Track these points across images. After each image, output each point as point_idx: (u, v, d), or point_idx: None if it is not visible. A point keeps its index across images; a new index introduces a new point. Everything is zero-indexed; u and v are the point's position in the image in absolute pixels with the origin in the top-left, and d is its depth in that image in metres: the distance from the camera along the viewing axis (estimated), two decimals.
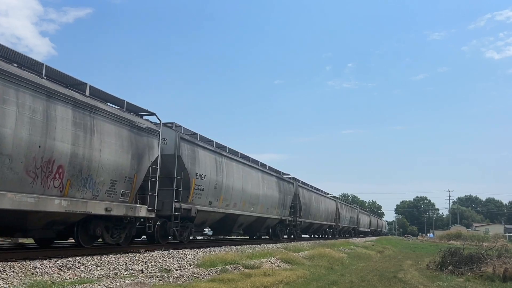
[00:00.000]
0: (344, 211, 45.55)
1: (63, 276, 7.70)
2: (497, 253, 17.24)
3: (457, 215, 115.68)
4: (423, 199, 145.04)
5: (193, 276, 9.29)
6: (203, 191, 15.92)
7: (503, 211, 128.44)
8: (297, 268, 13.16)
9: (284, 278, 10.26)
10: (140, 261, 10.15)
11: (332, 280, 11.09)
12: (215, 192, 16.81)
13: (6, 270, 7.40)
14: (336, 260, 17.18)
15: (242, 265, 11.61)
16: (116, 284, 7.36)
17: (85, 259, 9.32)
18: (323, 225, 36.88)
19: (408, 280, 12.00)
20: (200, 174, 15.71)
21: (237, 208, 18.86)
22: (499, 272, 12.78)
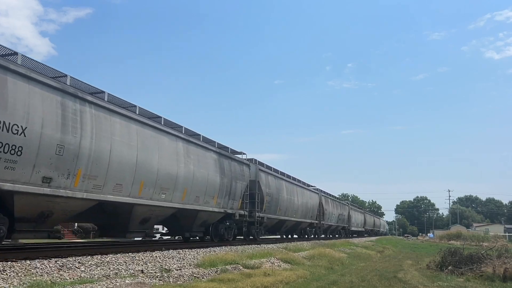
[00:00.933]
0: (330, 207, 39.41)
1: (63, 276, 7.70)
2: (497, 253, 17.24)
3: (457, 215, 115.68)
4: (423, 199, 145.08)
5: (193, 276, 9.29)
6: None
7: (503, 211, 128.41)
8: (297, 268, 13.16)
9: (284, 278, 10.25)
10: (140, 261, 10.15)
11: (332, 280, 11.09)
12: None
13: (6, 270, 7.40)
14: (336, 260, 17.17)
15: (242, 265, 11.61)
16: (116, 284, 7.36)
17: (85, 259, 9.32)
18: (300, 223, 30.20)
19: (408, 280, 12.00)
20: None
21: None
22: (499, 272, 12.78)
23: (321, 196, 36.17)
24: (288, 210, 26.75)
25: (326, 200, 38.18)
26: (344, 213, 46.11)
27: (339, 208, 43.97)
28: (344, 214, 45.99)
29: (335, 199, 44.63)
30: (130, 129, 12.14)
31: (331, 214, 39.68)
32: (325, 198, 37.95)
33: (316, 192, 35.16)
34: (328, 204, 38.69)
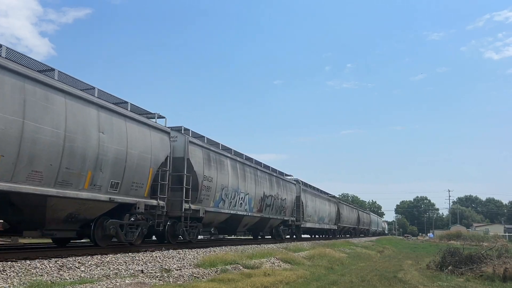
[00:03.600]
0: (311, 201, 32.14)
1: (63, 276, 7.70)
2: (497, 253, 17.24)
3: (457, 215, 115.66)
4: (423, 199, 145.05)
5: (193, 276, 9.29)
6: None
7: (503, 211, 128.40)
8: (297, 268, 13.16)
9: (284, 278, 10.25)
10: (140, 261, 10.16)
11: (332, 280, 11.08)
12: None
13: (6, 270, 7.41)
14: (336, 260, 17.17)
15: (242, 265, 11.61)
16: (116, 284, 7.36)
17: (85, 259, 9.32)
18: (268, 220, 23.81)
19: (408, 280, 12.00)
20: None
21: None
22: (499, 272, 12.78)
23: (300, 188, 29.52)
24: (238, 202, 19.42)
25: (306, 194, 30.98)
26: (330, 210, 38.72)
27: (325, 204, 36.92)
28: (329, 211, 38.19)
29: (320, 194, 36.92)
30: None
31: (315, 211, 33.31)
32: (305, 191, 30.95)
33: (293, 182, 28.70)
34: (306, 197, 31.14)
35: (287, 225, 27.04)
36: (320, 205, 35.06)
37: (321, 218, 35.13)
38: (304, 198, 30.28)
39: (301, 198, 29.42)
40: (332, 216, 39.61)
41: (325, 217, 36.71)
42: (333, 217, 40.04)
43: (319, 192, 36.72)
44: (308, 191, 32.03)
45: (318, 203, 34.53)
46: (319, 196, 35.71)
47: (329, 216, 38.08)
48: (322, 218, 35.53)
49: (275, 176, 25.07)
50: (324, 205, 36.70)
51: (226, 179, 17.94)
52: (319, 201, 35.03)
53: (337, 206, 42.09)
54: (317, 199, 34.28)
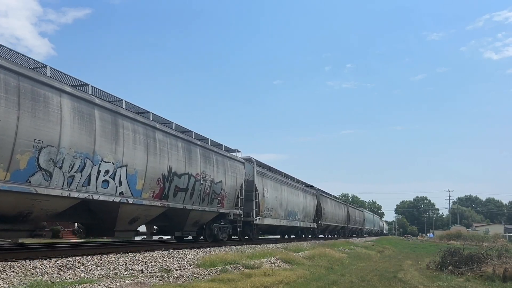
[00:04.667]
0: (274, 190, 23.68)
1: (63, 276, 7.70)
2: (497, 253, 17.25)
3: (457, 215, 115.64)
4: (423, 199, 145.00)
5: (193, 276, 9.29)
6: None
7: (503, 211, 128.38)
8: (297, 268, 13.16)
9: (284, 278, 10.25)
10: (140, 261, 10.15)
11: (332, 280, 11.08)
12: None
13: (6, 270, 7.41)
14: (336, 260, 17.18)
15: (242, 265, 11.61)
16: (116, 284, 7.36)
17: (85, 259, 9.32)
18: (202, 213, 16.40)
19: (408, 280, 12.00)
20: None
21: None
22: (499, 272, 12.79)
23: (254, 170, 21.07)
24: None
25: (264, 179, 22.42)
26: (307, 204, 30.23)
27: (299, 196, 28.20)
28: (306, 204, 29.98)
29: (291, 181, 27.72)
30: None
31: (280, 204, 24.47)
32: (264, 175, 22.51)
33: (241, 161, 20.29)
34: (269, 185, 23.06)
35: (228, 221, 19.05)
36: (290, 196, 26.37)
37: (291, 213, 26.39)
38: (262, 184, 21.76)
39: (256, 184, 20.75)
40: (309, 211, 30.84)
41: (298, 212, 27.93)
42: (311, 212, 31.31)
43: (289, 179, 27.70)
44: (268, 176, 23.32)
45: (287, 194, 25.81)
46: (289, 185, 26.77)
47: (304, 211, 29.41)
48: (292, 214, 26.89)
49: (202, 148, 16.45)
50: (297, 197, 28.00)
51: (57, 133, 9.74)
52: (288, 191, 26.21)
53: (317, 199, 33.35)
54: (284, 188, 25.51)
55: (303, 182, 31.93)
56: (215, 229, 17.85)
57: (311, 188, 33.71)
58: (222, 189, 17.56)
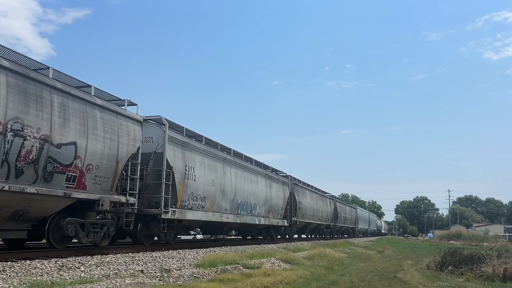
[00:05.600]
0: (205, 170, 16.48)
1: (63, 276, 7.70)
2: (497, 253, 17.27)
3: (457, 215, 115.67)
4: (423, 199, 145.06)
5: (193, 276, 9.29)
6: None
7: (503, 211, 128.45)
8: (297, 268, 13.17)
9: (284, 278, 10.26)
10: (140, 261, 10.15)
11: (332, 280, 11.09)
12: None
13: (6, 270, 7.40)
14: (336, 260, 17.19)
15: (242, 265, 11.61)
16: (116, 284, 7.36)
17: (85, 259, 9.32)
18: None
19: (408, 280, 12.00)
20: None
21: None
22: (499, 272, 12.79)
23: (166, 136, 14.10)
24: None
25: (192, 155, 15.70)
26: (273, 195, 23.45)
27: (258, 183, 21.75)
28: (273, 197, 23.49)
29: (245, 162, 20.93)
30: None
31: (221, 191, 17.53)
32: (184, 146, 15.31)
33: (135, 120, 14.93)
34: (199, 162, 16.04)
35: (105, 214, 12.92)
36: (243, 183, 19.70)
37: (243, 205, 19.62)
38: (182, 160, 14.81)
39: (168, 157, 13.80)
40: (277, 204, 23.99)
41: (257, 205, 21.31)
42: (279, 206, 24.42)
43: (242, 160, 20.67)
44: (197, 149, 15.88)
45: (236, 179, 18.96)
46: (240, 167, 19.78)
47: (267, 205, 22.58)
48: (246, 207, 20.10)
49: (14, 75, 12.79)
50: (255, 184, 21.30)
51: None
52: (240, 176, 19.47)
53: (289, 190, 26.46)
54: (231, 170, 18.57)
55: (267, 167, 24.04)
56: (68, 227, 10.36)
57: (281, 176, 26.00)
58: (78, 157, 10.30)
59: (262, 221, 22.11)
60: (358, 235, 54.88)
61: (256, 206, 21.32)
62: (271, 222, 23.43)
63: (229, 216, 18.16)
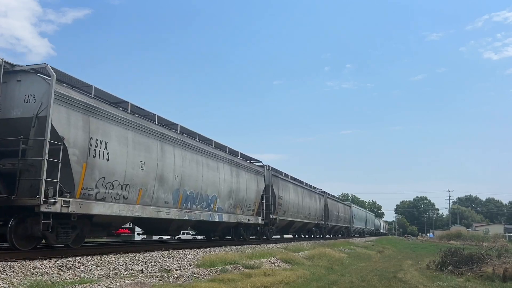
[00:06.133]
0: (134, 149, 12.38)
1: (63, 276, 7.70)
2: (497, 253, 17.28)
3: (457, 215, 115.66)
4: (423, 199, 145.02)
5: (193, 276, 9.29)
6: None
7: (503, 211, 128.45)
8: (297, 268, 13.17)
9: (284, 278, 10.26)
10: (140, 261, 10.15)
11: (332, 280, 11.09)
12: None
13: (6, 270, 7.40)
14: (336, 260, 17.19)
15: (242, 265, 11.61)
16: (116, 284, 7.36)
17: (85, 259, 9.32)
18: None
19: (408, 280, 12.00)
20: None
21: None
22: (498, 272, 12.79)
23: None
24: None
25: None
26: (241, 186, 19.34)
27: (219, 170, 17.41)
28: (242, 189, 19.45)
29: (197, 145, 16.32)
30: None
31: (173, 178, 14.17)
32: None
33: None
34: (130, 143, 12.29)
35: None
36: (193, 168, 15.25)
37: (191, 197, 15.25)
38: (85, 131, 10.84)
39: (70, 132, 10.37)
40: (246, 198, 19.75)
41: (215, 197, 16.83)
42: (251, 200, 20.25)
43: (196, 139, 16.56)
44: (116, 119, 11.99)
45: (181, 161, 14.59)
46: (192, 149, 15.56)
47: (232, 198, 18.28)
48: (196, 199, 15.57)
49: None
50: (214, 171, 16.82)
51: None
52: (191, 159, 15.25)
53: (265, 181, 22.40)
54: (178, 152, 14.49)
55: (235, 152, 20.00)
56: None
57: (255, 165, 22.32)
58: None
59: (226, 218, 17.81)
60: (353, 235, 51.20)
61: (215, 199, 16.93)
62: (239, 219, 19.37)
63: (171, 211, 13.82)
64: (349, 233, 48.98)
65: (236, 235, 20.59)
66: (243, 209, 19.84)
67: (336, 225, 41.75)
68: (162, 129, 13.91)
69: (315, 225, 33.93)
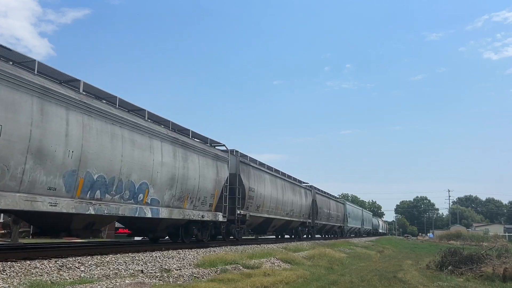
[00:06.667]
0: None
1: (63, 276, 7.70)
2: (497, 253, 17.27)
3: (457, 215, 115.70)
4: (423, 199, 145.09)
5: (193, 276, 9.29)
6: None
7: (503, 211, 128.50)
8: (297, 268, 13.17)
9: (284, 278, 10.26)
10: (140, 261, 10.16)
11: (332, 280, 11.09)
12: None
13: (6, 270, 7.41)
14: (336, 260, 17.19)
15: (242, 265, 11.61)
16: (116, 284, 7.36)
17: (85, 259, 9.33)
18: None
19: (408, 280, 12.00)
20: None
21: None
22: (498, 272, 12.79)
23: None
24: None
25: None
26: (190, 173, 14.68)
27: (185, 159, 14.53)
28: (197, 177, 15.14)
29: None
30: None
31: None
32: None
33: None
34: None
35: None
36: (104, 143, 10.85)
37: (103, 183, 10.80)
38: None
39: None
40: (198, 188, 15.30)
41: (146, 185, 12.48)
42: (207, 192, 15.90)
43: (115, 106, 12.16)
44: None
45: (81, 131, 10.18)
46: (104, 116, 11.04)
47: (175, 187, 13.93)
48: (114, 186, 11.13)
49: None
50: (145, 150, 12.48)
51: None
52: (101, 129, 10.84)
53: (228, 169, 17.96)
54: (73, 118, 10.02)
55: (181, 128, 15.44)
56: None
57: (215, 147, 17.64)
58: None
59: (165, 213, 13.30)
60: (348, 235, 47.44)
61: (147, 188, 12.49)
62: (188, 215, 14.74)
63: (61, 201, 9.57)
64: (342, 233, 44.96)
65: (187, 236, 16.08)
66: (195, 202, 15.20)
67: (327, 224, 37.49)
68: (44, 82, 9.52)
69: (300, 224, 29.76)
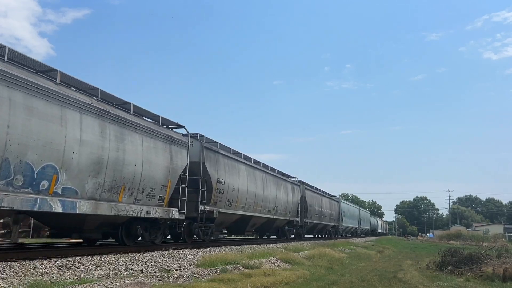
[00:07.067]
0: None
1: (63, 276, 7.70)
2: (497, 253, 17.28)
3: (457, 215, 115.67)
4: (423, 199, 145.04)
5: (193, 276, 9.29)
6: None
7: (503, 211, 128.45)
8: (297, 268, 13.16)
9: (284, 278, 10.25)
10: (140, 261, 10.16)
11: (332, 280, 11.09)
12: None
13: (6, 270, 7.41)
14: (336, 260, 17.18)
15: (242, 265, 11.61)
16: (116, 284, 7.36)
17: (85, 259, 9.33)
18: None
19: (408, 280, 11.99)
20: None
21: None
22: (498, 272, 12.79)
23: None
24: None
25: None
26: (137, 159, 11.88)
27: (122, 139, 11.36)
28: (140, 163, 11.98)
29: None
30: None
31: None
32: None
33: None
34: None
35: None
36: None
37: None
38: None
39: None
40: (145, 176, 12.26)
41: (57, 170, 9.28)
42: (156, 182, 12.82)
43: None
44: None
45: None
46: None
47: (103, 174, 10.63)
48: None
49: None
50: (54, 124, 9.25)
51: None
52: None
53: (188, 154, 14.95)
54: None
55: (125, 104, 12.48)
56: None
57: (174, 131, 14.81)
58: None
59: (86, 207, 10.18)
60: (343, 235, 44.50)
61: (56, 173, 9.37)
62: (127, 211, 11.67)
63: None
64: (337, 233, 41.94)
65: (130, 237, 12.96)
66: (136, 195, 12.16)
67: (318, 223, 34.15)
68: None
69: (287, 223, 26.86)
